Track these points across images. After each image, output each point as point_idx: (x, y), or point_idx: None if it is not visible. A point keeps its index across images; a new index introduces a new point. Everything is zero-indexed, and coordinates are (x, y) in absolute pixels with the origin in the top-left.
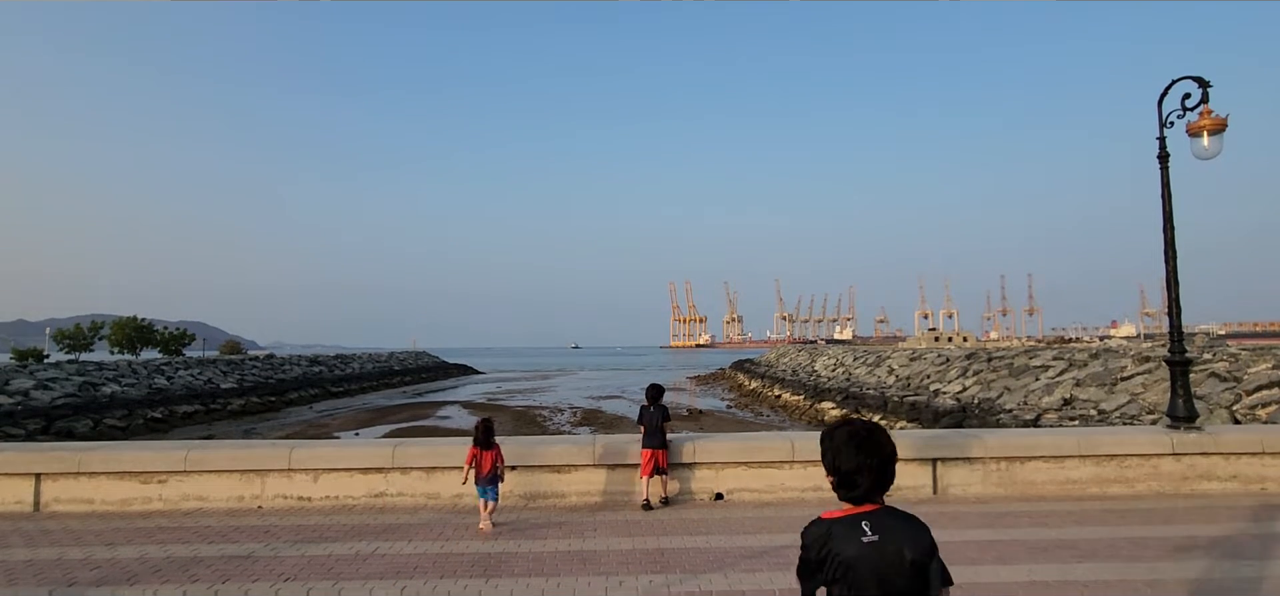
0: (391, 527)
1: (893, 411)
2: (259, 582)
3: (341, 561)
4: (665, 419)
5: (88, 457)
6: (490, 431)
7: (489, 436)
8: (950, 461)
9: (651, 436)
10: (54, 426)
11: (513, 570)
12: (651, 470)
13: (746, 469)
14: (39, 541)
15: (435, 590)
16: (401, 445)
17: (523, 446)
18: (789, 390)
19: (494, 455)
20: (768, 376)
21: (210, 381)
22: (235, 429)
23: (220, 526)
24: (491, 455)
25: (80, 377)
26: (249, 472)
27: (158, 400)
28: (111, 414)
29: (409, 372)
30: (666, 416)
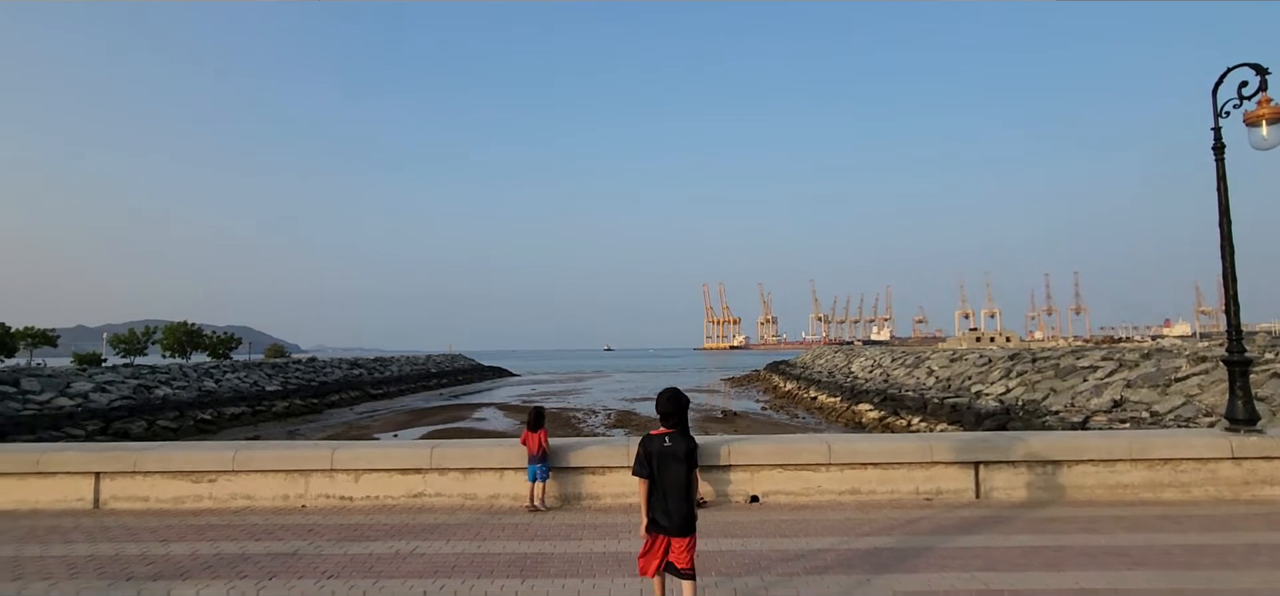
0: (430, 527)
1: (932, 413)
2: (304, 579)
3: (382, 560)
4: None
5: (143, 457)
6: (541, 415)
7: (538, 419)
8: (994, 464)
9: None
10: (111, 427)
11: (549, 570)
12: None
13: (782, 471)
14: (99, 537)
15: (473, 589)
16: (439, 446)
17: (558, 447)
18: (825, 392)
19: (541, 436)
20: (803, 378)
21: (256, 384)
22: (280, 430)
23: (266, 524)
24: (538, 436)
25: (135, 380)
26: (293, 472)
27: (207, 402)
28: (164, 415)
29: (445, 375)
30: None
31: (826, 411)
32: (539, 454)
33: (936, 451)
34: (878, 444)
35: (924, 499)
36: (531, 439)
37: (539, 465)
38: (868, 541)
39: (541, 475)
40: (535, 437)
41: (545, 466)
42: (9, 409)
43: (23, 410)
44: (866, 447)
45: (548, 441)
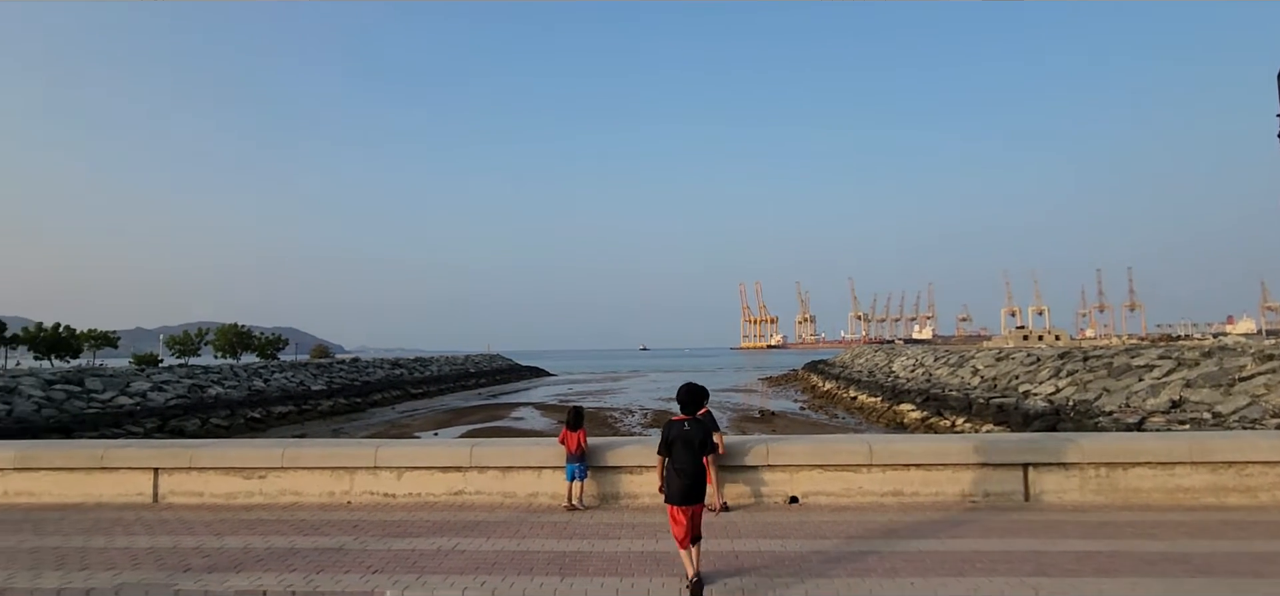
0: (471, 524)
1: (978, 413)
2: (350, 574)
3: (425, 556)
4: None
5: (198, 454)
6: (579, 414)
7: (577, 419)
8: (1044, 466)
9: None
10: (168, 425)
11: (588, 568)
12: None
13: (822, 472)
14: (158, 529)
15: (513, 586)
16: (479, 445)
17: (596, 447)
18: (865, 392)
19: (580, 435)
20: (842, 377)
21: (302, 384)
22: (325, 428)
23: (313, 520)
24: (577, 436)
25: (189, 380)
26: (339, 469)
27: (256, 401)
28: (216, 414)
29: (484, 375)
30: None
31: (867, 411)
32: (577, 453)
33: (983, 452)
34: (921, 444)
35: (970, 501)
36: (570, 438)
37: (577, 464)
38: (912, 544)
39: (580, 474)
40: (574, 437)
41: (584, 465)
42: (75, 407)
43: (87, 408)
44: (909, 448)
45: (586, 441)
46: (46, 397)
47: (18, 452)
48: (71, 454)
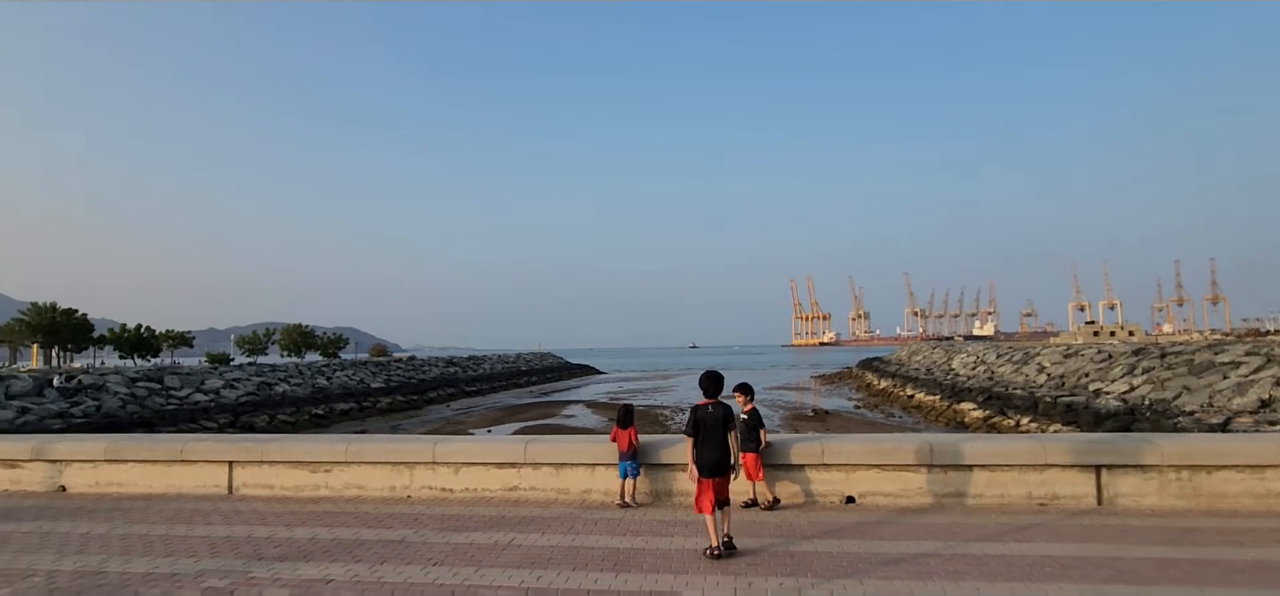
0: (525, 520)
1: (1044, 413)
2: (412, 566)
3: (482, 550)
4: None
5: (268, 448)
6: (630, 412)
7: (628, 417)
8: (1119, 468)
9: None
10: (239, 420)
11: (642, 565)
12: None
13: (879, 471)
14: (233, 520)
15: (568, 580)
16: (533, 442)
17: (647, 445)
18: (923, 390)
19: (631, 433)
20: (899, 375)
21: (362, 381)
22: (384, 424)
23: (376, 512)
24: (629, 433)
25: (258, 378)
26: (399, 464)
27: (319, 398)
28: (283, 410)
29: (535, 373)
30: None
31: (925, 410)
32: (629, 451)
33: (1051, 453)
34: (984, 444)
35: (1037, 504)
36: (621, 436)
37: (629, 462)
38: (976, 547)
39: (632, 472)
40: (625, 435)
41: (636, 463)
42: (155, 403)
43: (166, 404)
44: (972, 448)
45: (638, 438)
46: (130, 394)
47: (108, 445)
48: (155, 447)
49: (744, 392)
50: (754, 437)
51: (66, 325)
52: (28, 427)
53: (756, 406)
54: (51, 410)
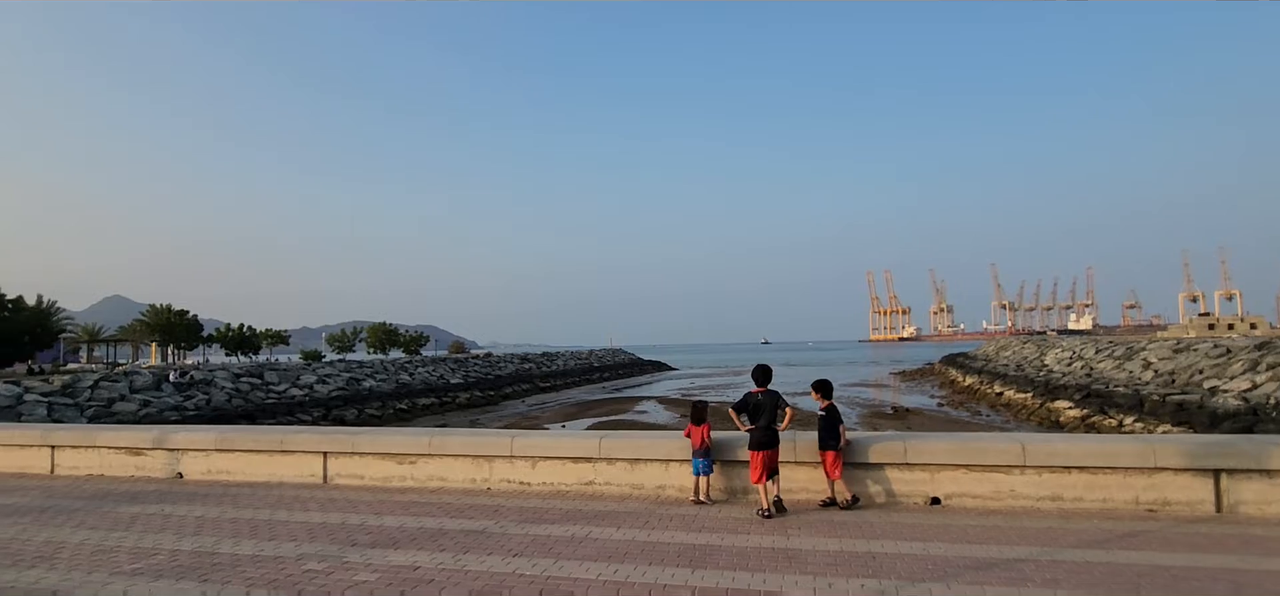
0: (601, 514)
1: (1151, 412)
2: (493, 556)
3: (559, 542)
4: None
5: (358, 440)
6: (704, 408)
7: (701, 413)
8: (1242, 473)
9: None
10: (330, 414)
11: (718, 562)
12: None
13: (967, 472)
14: (328, 507)
15: (645, 575)
16: (607, 437)
17: (722, 441)
18: (1013, 387)
19: (704, 430)
20: (986, 371)
21: (442, 377)
22: (463, 419)
23: (458, 503)
24: (702, 430)
25: (347, 374)
26: (479, 457)
27: (402, 393)
28: (370, 405)
29: (607, 369)
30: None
31: (1015, 408)
32: (702, 447)
33: (1161, 455)
34: (1083, 445)
35: (1145, 510)
36: (695, 432)
37: (703, 458)
38: (1075, 554)
39: (706, 469)
40: (699, 431)
41: (709, 460)
42: (257, 397)
43: (266, 398)
44: (1069, 448)
45: (711, 435)
46: (235, 389)
47: (217, 436)
48: (258, 438)
49: (820, 390)
50: (833, 435)
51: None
52: (148, 419)
53: (834, 404)
54: (168, 403)
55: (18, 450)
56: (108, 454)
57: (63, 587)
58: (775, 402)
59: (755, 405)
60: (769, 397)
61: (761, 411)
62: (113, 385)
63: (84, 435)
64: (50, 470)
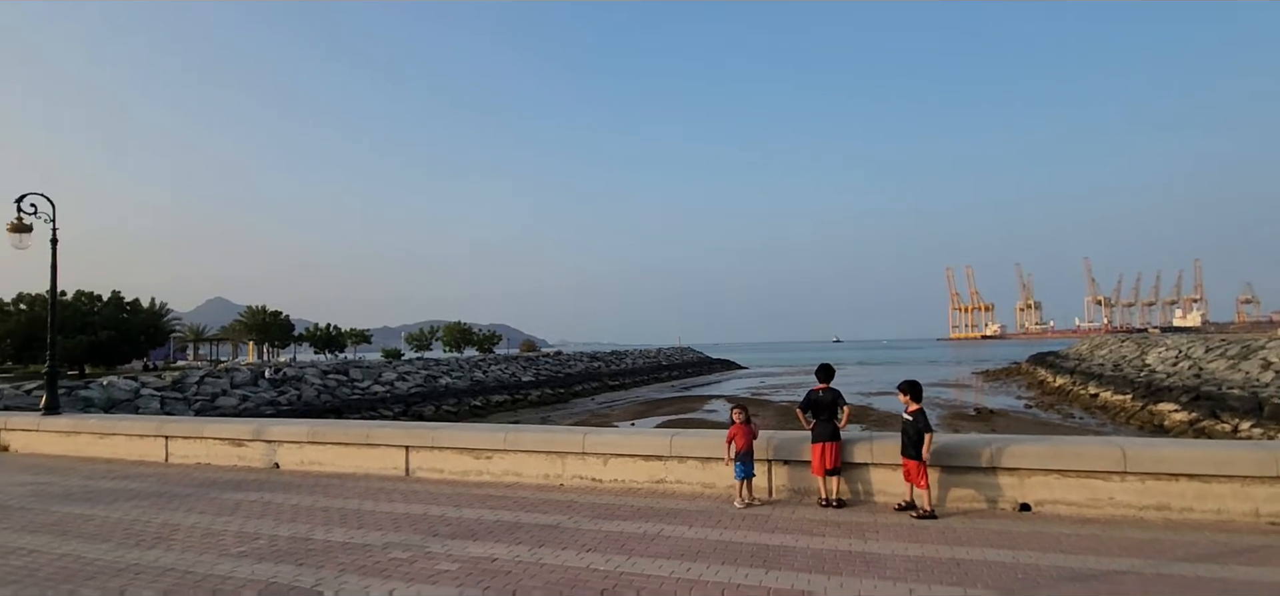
0: (673, 512)
1: (1271, 416)
2: (567, 550)
3: (632, 539)
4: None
5: (438, 435)
6: (744, 410)
7: (747, 414)
8: None
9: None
10: (410, 410)
11: (793, 564)
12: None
13: (1060, 478)
14: (410, 498)
15: (718, 574)
16: (678, 435)
17: (788, 441)
18: (1110, 389)
19: (747, 433)
20: (1079, 371)
21: (514, 375)
22: (535, 416)
23: (532, 498)
24: (745, 432)
25: (425, 372)
26: (552, 454)
27: (477, 390)
28: (446, 401)
29: (675, 368)
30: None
31: (1112, 411)
32: (743, 451)
33: None
34: (1194, 451)
35: (1268, 522)
36: (737, 434)
37: (742, 464)
38: (1186, 568)
39: (744, 473)
40: (741, 433)
41: (750, 466)
42: (343, 393)
43: (351, 394)
44: (1176, 454)
45: (756, 438)
46: (323, 385)
47: (309, 429)
48: (346, 431)
49: (907, 392)
50: (918, 442)
51: (273, 325)
52: (246, 412)
53: (923, 408)
54: (264, 398)
55: (138, 439)
56: (213, 444)
57: (179, 566)
58: (835, 400)
59: (817, 402)
60: (830, 395)
61: (823, 408)
62: (216, 381)
63: (193, 427)
64: (165, 458)
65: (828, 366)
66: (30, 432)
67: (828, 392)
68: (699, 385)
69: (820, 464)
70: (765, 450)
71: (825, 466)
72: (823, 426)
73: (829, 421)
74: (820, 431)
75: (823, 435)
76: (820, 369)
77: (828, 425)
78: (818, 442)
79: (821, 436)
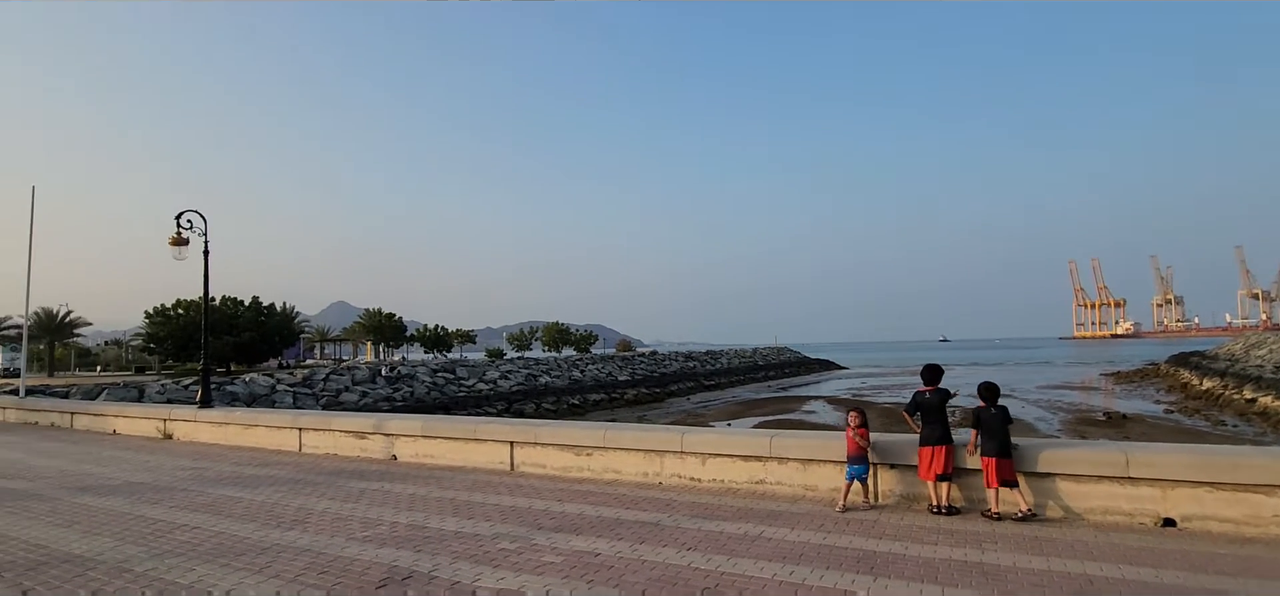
0: (773, 514)
1: None
2: (667, 548)
3: (732, 539)
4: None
5: (540, 432)
6: (861, 413)
7: (863, 417)
8: None
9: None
10: (511, 407)
11: (902, 572)
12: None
13: (1212, 491)
14: (515, 492)
15: (823, 578)
16: (778, 436)
17: (899, 445)
18: (1270, 393)
19: (859, 435)
20: (1231, 373)
21: (610, 374)
22: (630, 415)
23: (631, 495)
24: (857, 435)
25: (525, 371)
26: (650, 452)
27: (575, 389)
28: (546, 399)
29: (771, 368)
30: (1009, 419)
31: (1273, 418)
32: (857, 453)
33: None
34: None
35: None
36: (850, 437)
37: (857, 464)
38: None
39: (857, 475)
40: (852, 436)
41: (860, 469)
42: (450, 391)
43: (458, 392)
44: None
45: (867, 444)
46: (433, 383)
47: (423, 424)
48: (455, 427)
49: (982, 393)
50: (995, 438)
51: (388, 326)
52: (365, 408)
53: (1005, 406)
54: (381, 394)
55: (277, 431)
56: (339, 436)
57: (313, 548)
58: (944, 400)
59: (925, 403)
60: (939, 396)
61: (931, 410)
62: (339, 378)
63: (322, 421)
64: (298, 448)
65: (935, 366)
66: (189, 423)
67: (936, 394)
68: (797, 385)
69: (929, 468)
70: (869, 453)
71: (935, 471)
72: (932, 429)
73: (938, 423)
74: (929, 434)
75: (932, 438)
76: (927, 369)
77: (937, 428)
78: (927, 446)
79: (931, 440)
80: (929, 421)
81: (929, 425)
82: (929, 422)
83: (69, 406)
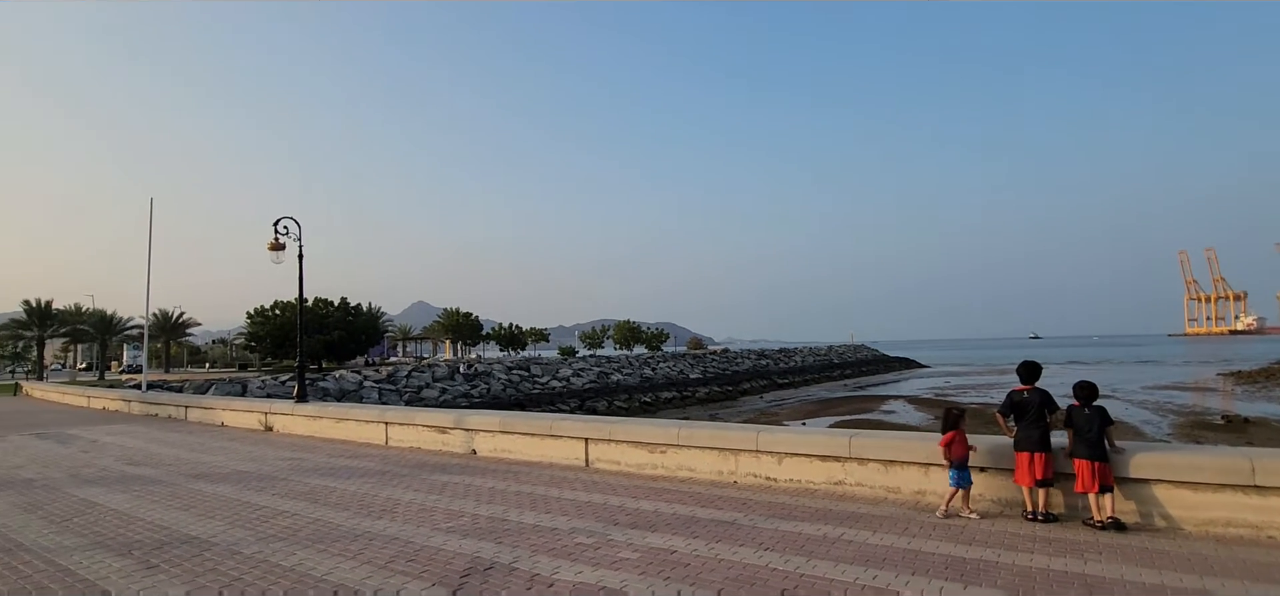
0: (853, 515)
1: None
2: (744, 548)
3: (811, 540)
4: (1107, 424)
5: (614, 429)
6: (947, 413)
7: (947, 420)
8: None
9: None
10: (584, 404)
11: (994, 580)
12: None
13: None
14: (590, 488)
15: (908, 584)
16: (857, 436)
17: (984, 447)
18: None
19: (952, 438)
20: None
21: (681, 372)
22: (702, 413)
23: (706, 493)
24: (951, 438)
25: (597, 369)
26: (725, 451)
27: (646, 387)
28: (618, 397)
29: (848, 366)
30: (1108, 421)
31: None
32: (959, 458)
33: None
34: None
35: None
36: (948, 440)
37: (954, 472)
38: None
39: (960, 480)
40: (946, 439)
41: (960, 475)
42: (525, 388)
43: (532, 389)
44: None
45: (966, 448)
46: (508, 380)
47: (500, 420)
48: (532, 423)
49: (1077, 392)
50: (1087, 440)
51: (466, 325)
52: (445, 403)
53: (1102, 406)
54: (459, 390)
55: (365, 424)
56: (422, 431)
57: (401, 536)
58: (1043, 401)
59: (1021, 404)
60: (1036, 395)
61: (1027, 410)
62: (420, 375)
63: (406, 416)
64: (385, 442)
65: (1033, 365)
66: (287, 417)
67: (1033, 394)
68: (874, 384)
69: (1027, 473)
70: None
71: (1033, 476)
72: (1028, 432)
73: (1036, 425)
74: (1025, 438)
75: (1029, 442)
76: (1023, 367)
77: (1035, 430)
78: (1023, 451)
79: (1027, 444)
80: (1026, 423)
81: (1026, 427)
82: (1026, 425)
83: (184, 400)
